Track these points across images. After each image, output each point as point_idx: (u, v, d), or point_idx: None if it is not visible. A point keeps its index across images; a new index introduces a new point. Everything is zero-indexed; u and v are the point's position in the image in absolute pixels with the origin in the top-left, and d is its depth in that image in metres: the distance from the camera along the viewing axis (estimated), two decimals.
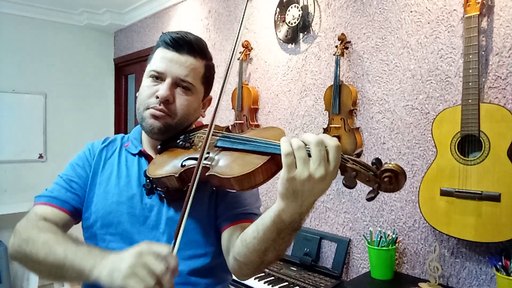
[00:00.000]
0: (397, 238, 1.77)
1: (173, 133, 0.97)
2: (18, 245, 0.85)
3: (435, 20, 1.70)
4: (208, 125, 0.86)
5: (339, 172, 0.67)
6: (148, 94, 0.96)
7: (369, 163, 0.67)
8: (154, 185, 0.93)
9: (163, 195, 0.94)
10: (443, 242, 1.66)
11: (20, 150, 3.71)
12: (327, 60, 2.13)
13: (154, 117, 0.94)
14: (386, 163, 0.67)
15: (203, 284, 0.93)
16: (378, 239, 1.74)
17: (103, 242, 0.94)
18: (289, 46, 2.35)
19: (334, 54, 1.99)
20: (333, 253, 2.03)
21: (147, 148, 1.03)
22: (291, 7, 2.29)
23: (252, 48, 2.57)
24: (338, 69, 1.97)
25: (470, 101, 1.45)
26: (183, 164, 0.87)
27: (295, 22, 2.26)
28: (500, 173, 1.39)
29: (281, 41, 2.38)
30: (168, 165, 0.90)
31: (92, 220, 0.96)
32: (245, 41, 2.55)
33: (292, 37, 2.30)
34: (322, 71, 2.16)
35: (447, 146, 1.52)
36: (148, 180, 0.93)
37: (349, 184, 0.68)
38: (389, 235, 1.75)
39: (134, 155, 1.02)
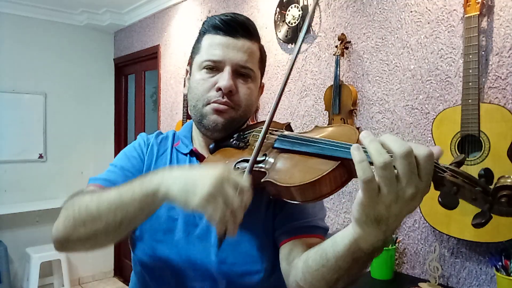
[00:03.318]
0: (397, 238, 1.77)
1: (235, 128, 0.87)
2: (62, 219, 0.75)
3: (435, 20, 1.70)
4: (264, 121, 0.75)
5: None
6: (206, 87, 0.84)
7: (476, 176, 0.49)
8: None
9: None
10: (443, 242, 1.66)
11: (20, 150, 3.71)
12: (327, 60, 2.13)
13: (218, 112, 0.83)
14: (502, 177, 0.50)
15: None
16: None
17: (149, 249, 0.86)
18: (289, 46, 2.34)
19: (334, 54, 1.99)
20: None
21: (199, 147, 0.93)
22: (291, 7, 2.29)
23: None
24: (338, 69, 1.97)
25: (470, 101, 1.44)
26: (237, 166, 0.77)
27: (295, 22, 2.26)
28: (500, 173, 1.36)
29: (281, 41, 2.38)
30: None
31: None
32: None
33: (292, 37, 2.30)
34: (322, 71, 2.16)
35: (447, 146, 1.52)
36: None
37: (448, 203, 0.50)
38: None
39: (185, 154, 0.93)
